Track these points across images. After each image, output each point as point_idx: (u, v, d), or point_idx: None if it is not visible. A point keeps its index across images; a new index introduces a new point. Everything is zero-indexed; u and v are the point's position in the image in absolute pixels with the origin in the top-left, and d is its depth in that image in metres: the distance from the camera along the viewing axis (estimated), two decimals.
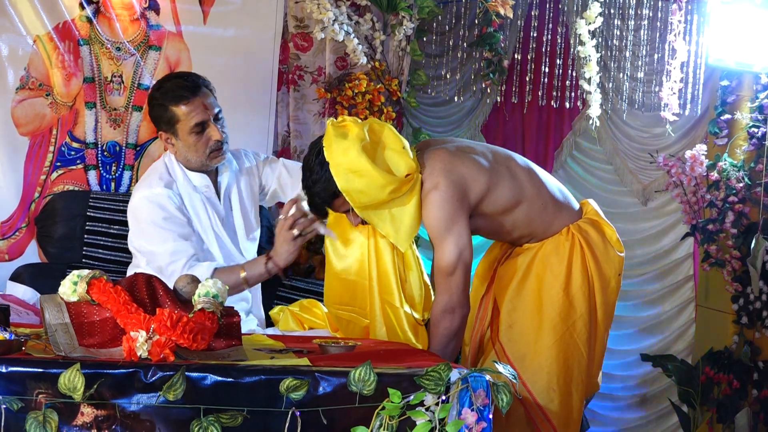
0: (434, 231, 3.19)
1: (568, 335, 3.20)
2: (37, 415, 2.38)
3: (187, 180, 3.65)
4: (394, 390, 2.49)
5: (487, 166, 3.23)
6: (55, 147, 4.21)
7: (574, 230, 3.28)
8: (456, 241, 3.15)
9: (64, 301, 2.66)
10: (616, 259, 3.29)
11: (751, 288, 4.87)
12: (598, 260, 3.24)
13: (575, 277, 3.22)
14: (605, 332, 3.31)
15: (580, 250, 3.24)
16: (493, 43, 4.67)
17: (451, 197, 3.15)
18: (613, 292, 3.28)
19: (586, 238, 3.26)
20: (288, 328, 3.70)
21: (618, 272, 3.29)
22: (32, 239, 4.16)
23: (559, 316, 3.21)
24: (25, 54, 4.16)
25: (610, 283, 3.26)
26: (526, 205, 3.27)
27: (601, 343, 3.30)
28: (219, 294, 2.70)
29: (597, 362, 3.31)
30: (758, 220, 4.87)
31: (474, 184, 3.19)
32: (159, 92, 3.61)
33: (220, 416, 2.44)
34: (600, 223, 3.31)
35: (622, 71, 4.85)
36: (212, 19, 4.38)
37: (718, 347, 4.96)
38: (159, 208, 3.57)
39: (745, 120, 4.93)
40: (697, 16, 4.76)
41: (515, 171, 3.29)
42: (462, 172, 3.18)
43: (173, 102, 3.57)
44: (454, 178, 3.16)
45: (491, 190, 3.21)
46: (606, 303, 3.27)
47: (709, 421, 4.93)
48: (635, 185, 5.05)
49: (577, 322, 3.21)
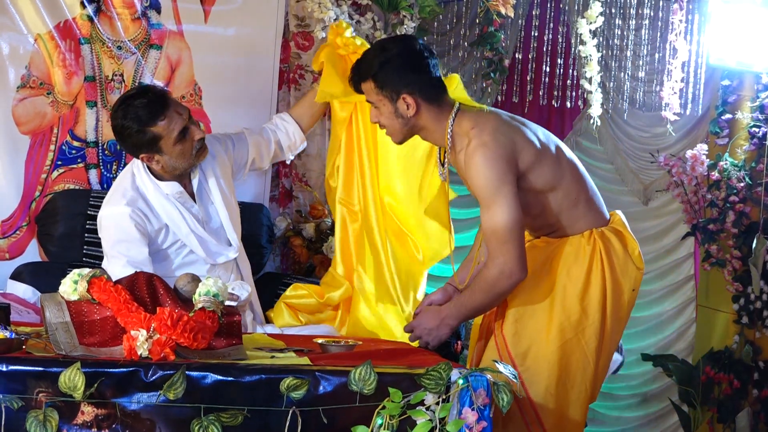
0: (483, 191, 3.06)
1: (576, 341, 3.14)
2: (38, 414, 2.38)
3: (159, 190, 3.63)
4: (395, 389, 2.49)
5: (535, 141, 3.17)
6: (55, 146, 4.21)
7: (596, 236, 3.21)
8: (509, 202, 3.03)
9: (64, 299, 2.66)
10: (634, 274, 3.21)
11: (752, 288, 4.87)
12: (615, 271, 3.18)
13: (593, 285, 3.16)
14: (613, 345, 3.25)
15: (600, 257, 3.18)
16: (494, 43, 4.66)
17: (501, 156, 3.05)
18: (624, 306, 3.21)
19: (607, 246, 3.19)
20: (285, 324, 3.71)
21: (633, 287, 3.21)
22: (33, 238, 4.16)
23: (569, 320, 3.14)
24: (26, 53, 4.16)
25: (623, 296, 3.19)
26: (562, 193, 3.20)
27: (607, 355, 3.24)
28: (219, 293, 2.70)
29: (600, 374, 3.24)
30: (759, 220, 4.87)
31: (523, 152, 3.11)
32: (129, 120, 3.54)
33: (221, 415, 2.44)
34: (624, 235, 3.25)
35: (623, 71, 4.85)
36: (213, 18, 4.38)
37: (719, 347, 4.96)
38: (117, 229, 3.57)
39: (746, 120, 4.93)
40: (698, 15, 4.76)
41: (561, 156, 3.23)
42: (513, 137, 3.12)
43: (149, 123, 3.53)
44: (504, 140, 3.08)
45: (536, 164, 3.14)
46: (616, 315, 3.20)
47: (710, 421, 4.93)
48: (636, 185, 5.05)
49: (588, 329, 3.15)
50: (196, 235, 3.65)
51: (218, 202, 3.74)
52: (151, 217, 3.60)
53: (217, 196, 3.74)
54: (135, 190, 3.62)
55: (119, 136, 3.64)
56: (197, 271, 3.57)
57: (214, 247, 3.68)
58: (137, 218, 3.57)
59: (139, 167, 3.66)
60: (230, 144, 3.91)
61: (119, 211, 3.58)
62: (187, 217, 3.65)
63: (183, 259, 3.66)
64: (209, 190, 3.74)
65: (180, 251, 3.66)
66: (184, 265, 3.64)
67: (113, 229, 3.58)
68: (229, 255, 3.70)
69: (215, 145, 3.81)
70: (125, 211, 3.56)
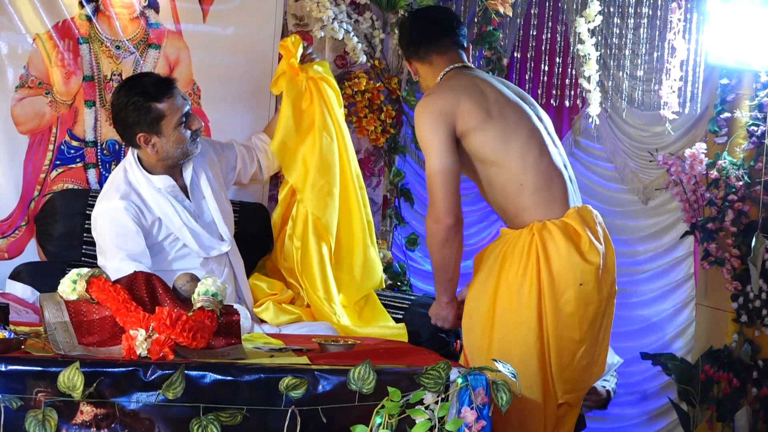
0: (420, 141, 3.34)
1: (513, 337, 3.14)
2: (37, 414, 2.38)
3: (151, 184, 3.64)
4: (394, 388, 2.49)
5: (490, 110, 3.27)
6: (54, 145, 4.21)
7: (537, 229, 3.19)
8: (437, 152, 3.24)
9: (63, 299, 2.66)
10: (581, 268, 3.14)
11: (751, 286, 4.87)
12: (551, 265, 3.14)
13: (528, 279, 3.14)
14: (570, 342, 3.17)
15: (536, 251, 3.16)
16: (492, 42, 4.66)
17: (435, 110, 3.27)
18: (569, 301, 3.14)
19: (545, 239, 3.17)
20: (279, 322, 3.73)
21: (580, 281, 3.14)
22: (32, 238, 4.16)
23: (507, 315, 3.16)
24: (24, 52, 4.15)
25: (565, 292, 3.14)
26: (505, 173, 3.25)
27: (567, 351, 3.17)
28: (218, 292, 2.70)
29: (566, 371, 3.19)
30: (758, 219, 4.87)
31: (466, 114, 3.26)
32: (135, 94, 3.57)
33: (220, 415, 2.44)
34: (572, 227, 3.19)
35: (622, 70, 4.85)
36: (212, 18, 4.38)
37: (718, 346, 4.96)
38: (113, 223, 3.57)
39: (745, 118, 4.93)
40: (696, 14, 4.76)
41: (517, 135, 3.27)
42: (462, 96, 3.28)
43: (156, 98, 3.56)
44: (449, 96, 3.30)
45: (478, 131, 3.25)
46: (557, 312, 3.14)
47: (709, 419, 4.93)
48: (636, 184, 5.05)
49: (523, 325, 3.14)
50: (189, 229, 3.66)
51: (209, 197, 3.75)
52: (144, 211, 3.61)
53: (208, 192, 3.75)
54: (128, 185, 3.63)
55: (121, 113, 3.62)
56: (191, 264, 3.62)
57: (207, 240, 3.69)
58: (132, 211, 3.57)
59: (131, 163, 3.66)
60: (218, 147, 3.93)
61: (114, 206, 3.58)
62: (180, 211, 3.65)
63: (177, 252, 3.67)
64: (200, 185, 3.75)
65: (174, 244, 3.67)
66: (178, 258, 3.65)
67: (109, 224, 3.58)
68: (222, 249, 3.72)
69: (205, 145, 3.83)
70: (120, 205, 3.57)
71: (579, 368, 3.22)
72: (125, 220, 3.56)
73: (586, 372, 3.25)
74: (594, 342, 3.24)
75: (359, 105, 4.48)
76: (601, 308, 3.22)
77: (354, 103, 4.48)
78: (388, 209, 4.60)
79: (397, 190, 4.64)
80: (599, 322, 3.24)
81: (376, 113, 4.50)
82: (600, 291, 3.20)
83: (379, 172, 4.59)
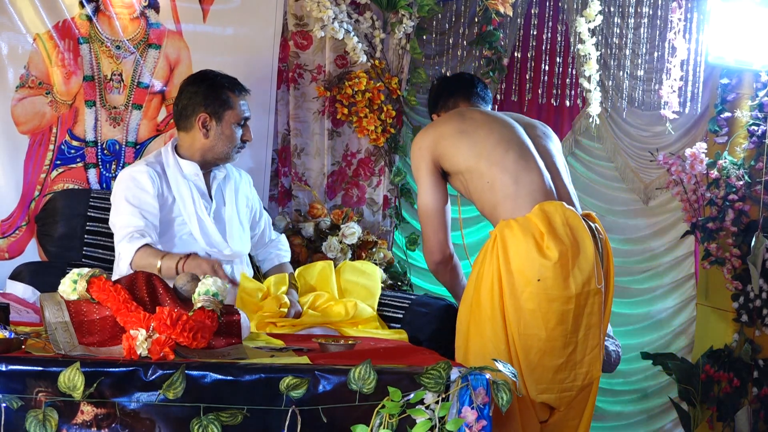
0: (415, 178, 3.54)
1: (475, 332, 3.21)
2: (37, 414, 2.38)
3: (177, 166, 3.75)
4: (394, 388, 2.49)
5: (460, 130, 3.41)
6: (54, 145, 4.21)
7: (500, 227, 3.23)
8: (423, 189, 3.46)
9: (63, 299, 2.66)
10: (538, 263, 3.14)
11: (751, 286, 4.87)
12: (510, 263, 3.15)
13: (485, 275, 3.19)
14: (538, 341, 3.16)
15: (496, 247, 3.19)
16: (492, 42, 4.67)
17: (421, 147, 3.46)
18: (530, 298, 3.14)
19: (505, 237, 3.19)
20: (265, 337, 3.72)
21: (537, 277, 3.13)
22: (32, 238, 4.16)
23: (469, 312, 3.25)
24: (25, 52, 4.16)
25: (525, 288, 3.14)
26: (476, 174, 3.35)
27: (532, 350, 3.16)
28: (219, 292, 2.70)
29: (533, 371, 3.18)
30: (758, 218, 4.87)
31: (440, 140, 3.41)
32: (220, 77, 3.75)
33: (220, 414, 2.44)
34: (533, 222, 3.20)
35: (622, 69, 4.85)
36: (212, 18, 4.38)
37: (718, 345, 4.96)
38: (131, 181, 3.69)
39: (745, 118, 4.93)
40: (696, 14, 4.76)
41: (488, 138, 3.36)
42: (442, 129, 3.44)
43: (232, 90, 3.74)
44: (431, 132, 3.46)
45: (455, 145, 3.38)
46: (518, 309, 3.15)
47: (710, 419, 4.93)
48: (636, 183, 5.05)
49: (487, 324, 3.17)
50: (198, 218, 3.72)
51: (229, 206, 3.83)
52: (164, 183, 3.72)
53: (230, 202, 3.84)
54: (156, 158, 3.80)
55: (191, 89, 3.74)
56: None
57: (213, 235, 3.72)
58: (154, 176, 3.70)
59: (168, 147, 3.81)
60: (259, 203, 4.06)
61: (137, 168, 3.73)
62: (196, 199, 3.73)
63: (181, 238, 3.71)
64: (224, 193, 3.84)
65: (181, 228, 3.72)
66: (181, 245, 3.69)
67: (127, 181, 3.70)
68: (224, 251, 3.72)
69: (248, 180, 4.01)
70: (143, 169, 3.72)
71: (551, 368, 3.20)
72: (145, 181, 3.68)
73: (563, 372, 3.22)
74: (569, 341, 3.20)
75: (359, 105, 4.48)
76: (570, 306, 3.17)
77: (354, 103, 4.48)
78: (388, 209, 4.60)
79: (398, 190, 4.64)
80: (572, 321, 3.19)
81: (376, 113, 4.50)
82: (565, 287, 3.16)
83: (380, 171, 4.60)
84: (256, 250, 4.05)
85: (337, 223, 4.40)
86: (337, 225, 4.39)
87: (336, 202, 4.57)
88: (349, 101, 4.48)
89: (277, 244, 4.08)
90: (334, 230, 4.39)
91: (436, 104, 3.80)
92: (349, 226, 4.34)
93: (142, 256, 3.53)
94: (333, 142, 4.56)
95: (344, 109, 4.48)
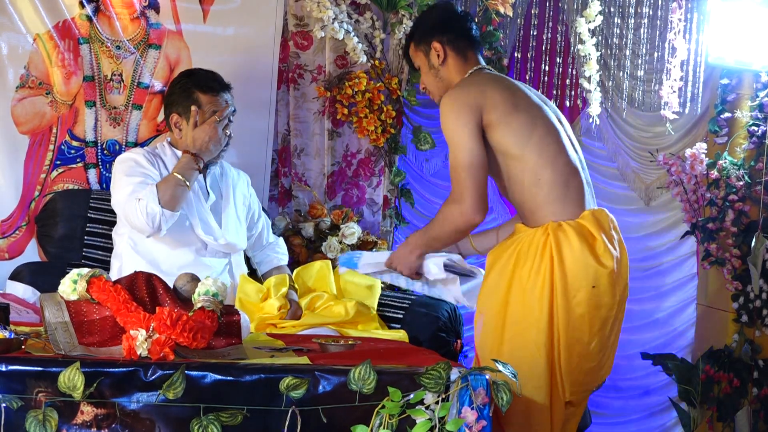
0: (446, 132, 3.18)
1: (523, 337, 3.11)
2: (37, 414, 2.38)
3: (175, 155, 3.82)
4: (394, 388, 2.49)
5: (516, 102, 3.22)
6: (54, 145, 4.21)
7: (552, 228, 3.15)
8: (465, 143, 3.13)
9: (63, 299, 2.66)
10: (593, 270, 3.11)
11: (752, 286, 4.87)
12: (565, 266, 3.11)
13: (540, 279, 3.11)
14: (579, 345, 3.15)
15: (550, 251, 3.12)
16: (492, 42, 4.66)
17: (462, 102, 3.15)
18: (580, 303, 3.11)
19: (559, 240, 3.13)
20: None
21: (592, 284, 3.10)
22: (32, 238, 4.16)
23: (518, 315, 3.13)
24: (25, 52, 4.16)
25: (577, 293, 3.11)
26: (521, 165, 3.19)
27: (573, 354, 3.15)
28: (219, 292, 2.70)
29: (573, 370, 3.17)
30: (758, 219, 4.87)
31: (492, 106, 3.18)
32: (189, 78, 3.80)
33: (220, 415, 2.44)
34: (586, 229, 3.16)
35: (622, 70, 4.85)
36: (212, 18, 4.38)
37: (718, 346, 4.96)
38: (128, 160, 3.77)
39: (745, 118, 4.93)
40: (697, 14, 4.76)
41: (537, 130, 3.22)
42: (486, 90, 3.21)
43: (201, 89, 3.75)
44: (472, 90, 3.20)
45: (503, 122, 3.18)
46: (569, 313, 3.12)
47: (710, 419, 4.93)
48: (637, 183, 5.05)
49: (533, 325, 3.10)
50: (195, 204, 3.75)
51: (225, 201, 3.86)
52: (160, 166, 3.78)
53: (227, 199, 3.87)
54: (152, 148, 3.89)
55: (171, 85, 3.87)
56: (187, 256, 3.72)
57: (208, 221, 3.76)
58: (151, 158, 3.78)
59: (164, 143, 3.88)
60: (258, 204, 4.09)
61: (134, 151, 3.86)
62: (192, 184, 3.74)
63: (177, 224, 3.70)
64: (221, 186, 3.88)
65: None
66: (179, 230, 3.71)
67: (126, 161, 3.78)
68: (219, 240, 3.76)
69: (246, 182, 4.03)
70: (140, 151, 3.83)
71: (586, 370, 3.20)
72: (142, 160, 3.75)
73: (592, 375, 3.23)
74: (603, 345, 3.21)
75: (359, 105, 4.47)
76: (613, 312, 3.19)
77: (354, 103, 4.48)
78: (388, 209, 4.60)
79: (398, 190, 4.64)
80: (610, 326, 3.21)
81: (376, 113, 4.50)
82: (613, 295, 3.16)
83: (380, 172, 4.60)
84: (254, 252, 4.05)
85: (337, 223, 4.40)
86: (337, 225, 4.39)
87: (336, 203, 4.57)
88: (349, 101, 4.48)
89: (274, 247, 4.08)
90: (334, 230, 4.39)
91: (455, 36, 3.35)
92: (348, 227, 4.34)
93: (161, 189, 3.60)
94: (333, 143, 4.56)
95: (344, 109, 4.48)
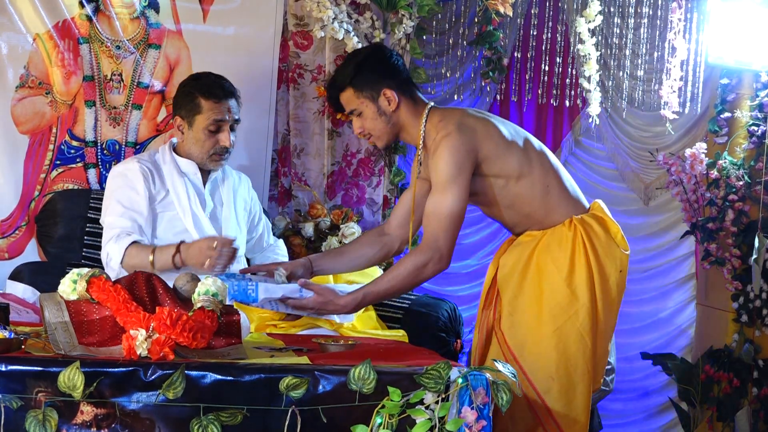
0: (441, 176, 3.18)
1: (570, 325, 3.19)
2: (37, 414, 2.38)
3: (174, 163, 3.77)
4: (394, 388, 2.49)
5: (502, 131, 3.28)
6: (54, 145, 4.21)
7: (576, 222, 3.27)
8: (459, 192, 3.17)
9: (63, 299, 2.66)
10: (618, 256, 3.27)
11: (752, 286, 4.87)
12: (598, 254, 3.24)
13: (578, 268, 3.21)
14: (608, 329, 3.29)
15: (582, 242, 3.24)
16: (492, 42, 4.67)
17: (462, 146, 3.17)
18: (613, 287, 3.26)
19: (588, 231, 3.26)
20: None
21: (620, 269, 3.28)
22: (32, 238, 4.16)
23: (560, 306, 3.19)
24: (24, 52, 4.16)
25: (609, 278, 3.25)
26: (530, 181, 3.28)
27: (604, 338, 3.28)
28: (219, 292, 2.70)
29: (600, 358, 3.29)
30: (758, 219, 4.87)
31: (485, 141, 3.23)
32: (194, 82, 3.77)
33: (220, 414, 2.44)
34: (604, 220, 3.31)
35: (622, 69, 4.85)
36: (212, 18, 4.38)
37: (718, 345, 4.96)
38: (121, 177, 3.73)
39: (745, 118, 4.93)
40: (696, 14, 4.76)
41: (528, 147, 3.32)
42: (476, 127, 3.24)
43: (204, 95, 3.71)
44: (467, 131, 3.21)
45: (501, 152, 3.25)
46: (606, 298, 3.25)
47: (709, 419, 4.93)
48: (637, 183, 5.05)
49: (580, 311, 3.19)
50: (193, 212, 3.73)
51: (226, 209, 3.83)
52: (156, 178, 3.74)
53: (227, 206, 3.83)
54: (150, 156, 3.82)
55: (179, 88, 3.82)
56: None
57: (207, 230, 3.72)
58: (144, 172, 3.71)
59: (165, 146, 3.83)
60: (259, 206, 4.06)
61: (128, 165, 3.76)
62: (191, 194, 3.74)
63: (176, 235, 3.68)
64: (222, 194, 3.84)
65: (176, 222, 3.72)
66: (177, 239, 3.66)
67: (119, 178, 3.73)
68: None
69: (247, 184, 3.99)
70: (134, 166, 3.74)
71: (604, 354, 3.31)
72: (135, 177, 3.70)
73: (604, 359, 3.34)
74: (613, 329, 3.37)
75: None
76: (622, 295, 3.35)
77: None
78: (388, 209, 4.60)
79: (398, 190, 4.64)
80: None
81: None
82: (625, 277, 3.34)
83: (380, 172, 4.60)
84: (254, 254, 4.04)
85: (336, 223, 4.40)
86: (337, 225, 4.39)
87: (336, 202, 4.57)
88: None
89: (274, 248, 4.08)
90: (334, 230, 4.39)
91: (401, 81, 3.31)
92: (348, 226, 4.34)
93: (132, 254, 3.54)
94: (333, 142, 4.56)
95: None
